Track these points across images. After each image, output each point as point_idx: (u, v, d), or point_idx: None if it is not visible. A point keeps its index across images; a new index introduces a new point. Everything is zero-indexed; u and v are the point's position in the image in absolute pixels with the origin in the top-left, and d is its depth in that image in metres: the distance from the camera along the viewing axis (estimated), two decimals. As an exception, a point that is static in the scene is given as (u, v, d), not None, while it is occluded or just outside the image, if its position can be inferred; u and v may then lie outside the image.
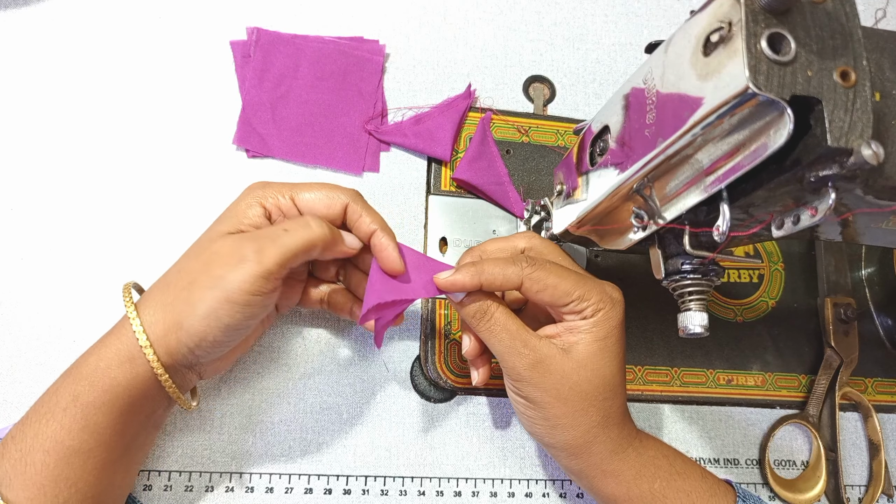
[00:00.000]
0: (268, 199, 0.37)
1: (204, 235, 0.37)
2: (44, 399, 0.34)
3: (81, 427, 0.32)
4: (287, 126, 0.47)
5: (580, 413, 0.36)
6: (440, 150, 0.48)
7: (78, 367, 0.34)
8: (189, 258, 0.36)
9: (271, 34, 0.49)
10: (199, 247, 0.36)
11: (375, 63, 0.50)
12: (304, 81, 0.48)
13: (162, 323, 0.34)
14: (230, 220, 0.36)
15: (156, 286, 0.36)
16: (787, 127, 0.23)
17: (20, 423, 0.33)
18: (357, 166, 0.48)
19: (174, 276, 0.35)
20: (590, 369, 0.36)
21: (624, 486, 0.37)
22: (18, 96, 0.45)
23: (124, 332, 0.34)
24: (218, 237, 0.36)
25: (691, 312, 0.33)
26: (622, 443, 0.37)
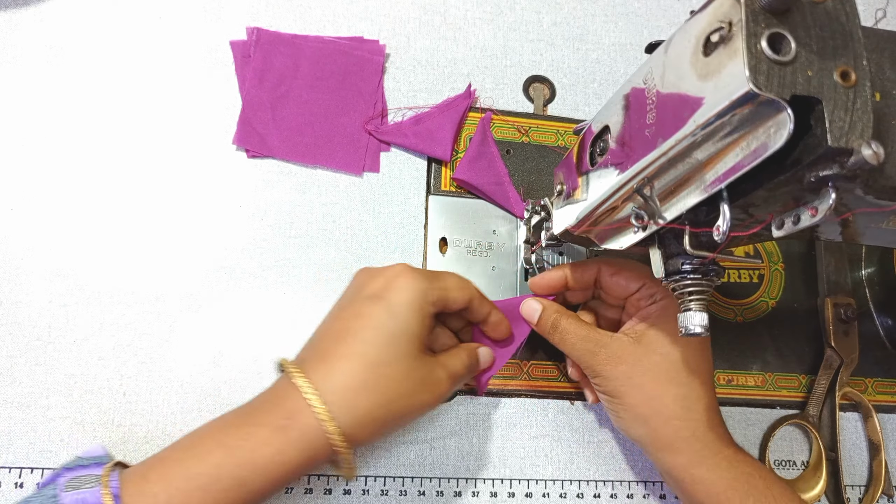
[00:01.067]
0: (429, 308, 0.37)
1: (394, 346, 0.34)
2: (193, 466, 0.31)
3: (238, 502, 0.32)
4: (287, 126, 0.47)
5: (656, 399, 0.38)
6: (440, 151, 0.48)
7: (242, 448, 0.32)
8: (388, 367, 0.34)
9: (271, 34, 0.49)
10: (400, 363, 0.35)
11: (375, 63, 0.50)
12: (304, 81, 0.48)
13: (349, 418, 0.33)
14: (417, 340, 0.35)
15: (338, 370, 0.33)
16: (788, 127, 0.23)
17: (159, 477, 0.31)
18: (357, 166, 0.48)
19: (368, 374, 0.33)
20: (659, 353, 0.38)
21: (714, 496, 0.37)
22: (19, 96, 0.45)
23: (303, 420, 0.32)
24: (415, 358, 0.35)
25: (691, 312, 0.33)
26: (711, 446, 0.37)
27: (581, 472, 0.45)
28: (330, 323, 0.37)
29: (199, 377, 0.42)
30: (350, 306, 0.36)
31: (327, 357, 0.34)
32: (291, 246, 0.46)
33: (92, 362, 0.41)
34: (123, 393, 0.41)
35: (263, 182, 0.47)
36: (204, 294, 0.44)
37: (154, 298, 0.43)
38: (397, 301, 0.35)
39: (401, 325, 0.35)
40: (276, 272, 0.45)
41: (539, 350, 0.46)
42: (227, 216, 0.46)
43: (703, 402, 0.38)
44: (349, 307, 0.36)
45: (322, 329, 0.37)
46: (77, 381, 0.41)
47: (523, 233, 0.47)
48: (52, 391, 0.41)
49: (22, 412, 0.40)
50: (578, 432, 0.46)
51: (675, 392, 0.38)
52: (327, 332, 0.36)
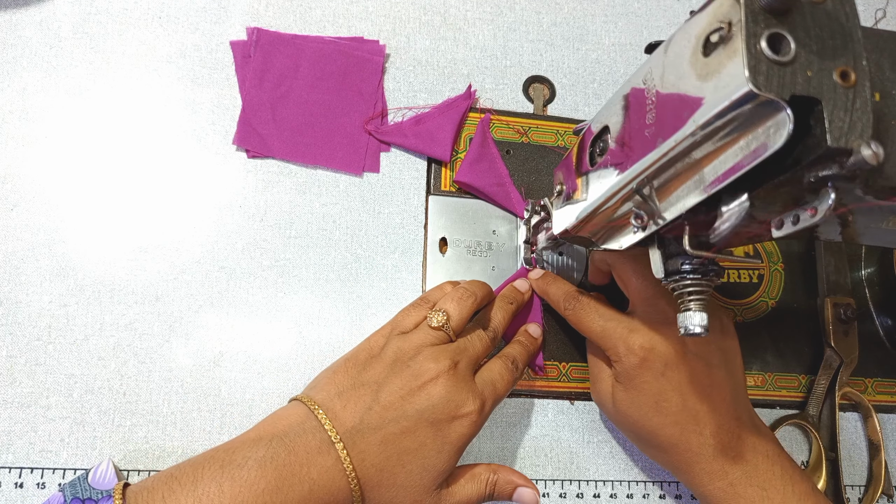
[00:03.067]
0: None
1: (427, 476, 0.36)
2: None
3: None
4: (287, 126, 0.47)
5: (645, 451, 0.43)
6: (440, 151, 0.48)
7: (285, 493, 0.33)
8: (409, 491, 0.36)
9: (271, 34, 0.49)
10: (422, 490, 0.36)
11: (375, 63, 0.50)
12: (304, 82, 0.48)
13: (373, 473, 0.35)
14: (447, 473, 0.37)
15: (382, 489, 0.35)
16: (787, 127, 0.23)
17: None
18: (357, 166, 0.48)
19: (396, 491, 0.36)
20: (623, 415, 0.40)
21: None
22: (18, 97, 0.45)
23: (328, 473, 0.34)
24: (431, 493, 0.36)
25: (691, 312, 0.33)
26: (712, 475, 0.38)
27: (581, 472, 0.45)
28: (392, 413, 0.36)
29: (199, 377, 0.42)
30: (411, 420, 0.36)
31: (375, 467, 0.35)
32: (291, 246, 0.46)
33: (92, 362, 0.41)
34: (123, 393, 0.41)
35: (263, 182, 0.47)
36: (204, 294, 0.44)
37: (154, 298, 0.43)
38: (453, 439, 0.36)
39: (443, 463, 0.36)
40: (276, 272, 0.45)
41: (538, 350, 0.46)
42: (227, 216, 0.46)
43: (672, 447, 0.39)
44: (409, 420, 0.35)
45: (384, 409, 0.36)
46: (77, 381, 0.41)
47: (523, 233, 0.47)
48: (52, 391, 0.41)
49: (22, 412, 0.40)
50: (578, 432, 0.46)
51: (644, 444, 0.41)
52: (388, 424, 0.35)
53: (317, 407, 0.36)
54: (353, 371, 0.38)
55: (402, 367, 0.37)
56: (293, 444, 0.34)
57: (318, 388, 0.38)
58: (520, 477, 0.40)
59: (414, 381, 0.36)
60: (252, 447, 0.34)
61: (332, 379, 0.38)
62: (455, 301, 0.40)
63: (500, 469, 0.40)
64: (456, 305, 0.40)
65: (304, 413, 0.36)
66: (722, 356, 0.40)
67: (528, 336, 0.45)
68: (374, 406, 0.36)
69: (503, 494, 0.39)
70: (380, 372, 0.37)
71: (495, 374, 0.40)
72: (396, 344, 0.38)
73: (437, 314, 0.39)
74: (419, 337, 0.38)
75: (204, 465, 0.33)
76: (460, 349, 0.38)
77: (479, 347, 0.40)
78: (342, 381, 0.37)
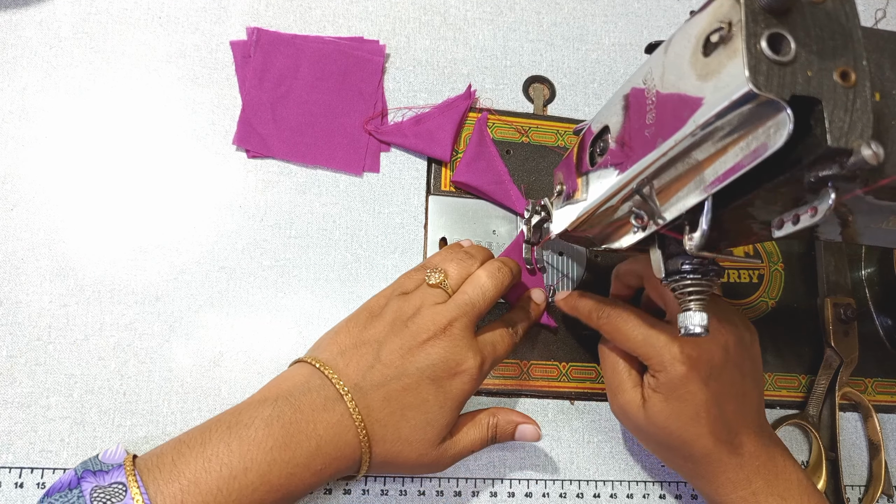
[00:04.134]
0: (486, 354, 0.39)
1: (429, 431, 0.37)
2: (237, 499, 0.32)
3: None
4: (287, 126, 0.47)
5: (665, 459, 0.42)
6: (440, 151, 0.48)
7: (284, 487, 0.33)
8: (411, 446, 0.37)
9: (271, 34, 0.49)
10: (424, 445, 0.37)
11: (375, 63, 0.50)
12: (304, 82, 0.48)
13: (378, 428, 0.36)
14: (449, 427, 0.38)
15: (383, 442, 0.36)
16: (787, 127, 0.23)
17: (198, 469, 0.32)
18: (357, 167, 0.48)
19: (400, 447, 0.37)
20: (657, 426, 0.39)
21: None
22: (18, 97, 0.45)
23: (343, 465, 0.35)
24: (435, 446, 0.38)
25: (691, 312, 0.33)
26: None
27: (581, 472, 0.45)
28: (393, 370, 0.36)
29: (199, 377, 0.42)
30: (412, 377, 0.36)
31: (380, 422, 0.36)
32: (291, 246, 0.46)
33: (92, 362, 0.41)
34: (123, 393, 0.41)
35: (263, 182, 0.47)
36: (204, 294, 0.44)
37: (154, 298, 0.43)
38: (454, 395, 0.37)
39: (445, 417, 0.37)
40: (276, 272, 0.45)
41: (539, 349, 0.46)
42: (227, 216, 0.46)
43: (707, 456, 0.38)
44: (411, 377, 0.36)
45: (385, 367, 0.36)
46: (77, 381, 0.41)
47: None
48: (52, 391, 0.41)
49: (22, 412, 0.40)
50: (578, 432, 0.46)
51: (675, 456, 0.40)
52: (390, 381, 0.36)
53: (322, 365, 0.36)
54: (355, 331, 0.39)
55: (402, 326, 0.38)
56: (298, 402, 0.35)
57: (320, 348, 0.39)
58: (519, 415, 0.41)
59: (413, 340, 0.37)
60: (258, 407, 0.34)
61: (335, 339, 0.38)
62: (454, 261, 0.41)
63: (499, 411, 0.41)
64: (455, 265, 0.41)
65: (308, 372, 0.37)
66: (752, 365, 0.40)
67: (532, 304, 0.45)
68: (377, 364, 0.36)
69: (505, 435, 0.40)
70: (380, 331, 0.38)
71: (496, 335, 0.41)
72: (396, 304, 0.39)
73: (434, 273, 0.40)
74: (418, 296, 0.39)
75: (211, 429, 0.34)
76: (459, 308, 0.39)
77: (478, 307, 0.40)
78: (344, 341, 0.38)
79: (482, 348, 0.39)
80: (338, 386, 0.35)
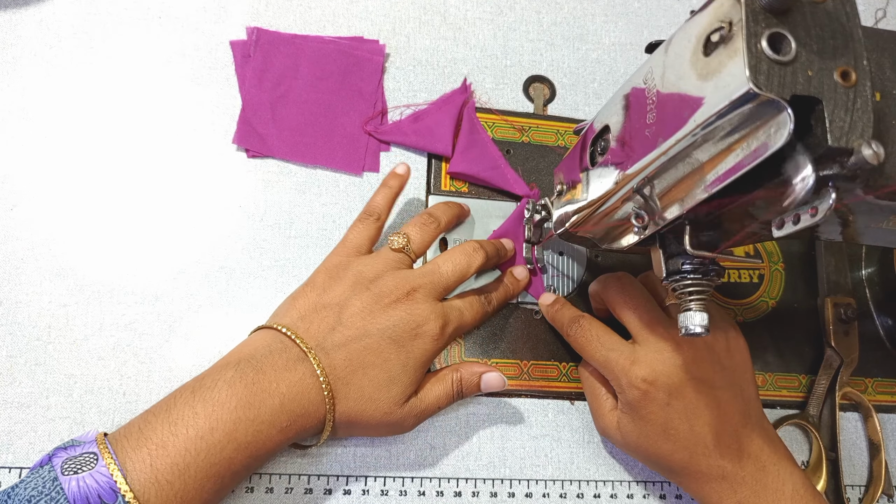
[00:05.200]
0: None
1: (390, 391, 0.38)
2: (205, 458, 0.32)
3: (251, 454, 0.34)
4: (287, 126, 0.47)
5: (656, 471, 0.43)
6: (441, 146, 0.48)
7: (252, 444, 0.34)
8: (374, 405, 0.37)
9: (271, 34, 0.49)
10: (388, 404, 0.38)
11: (375, 63, 0.50)
12: (303, 81, 0.48)
13: (341, 386, 0.36)
14: (411, 389, 0.39)
15: (347, 399, 0.36)
16: (788, 127, 0.23)
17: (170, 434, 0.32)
18: (357, 166, 0.48)
19: (364, 406, 0.37)
20: (632, 445, 0.40)
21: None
22: (19, 96, 0.45)
23: (308, 423, 0.36)
24: (400, 405, 0.38)
25: (691, 312, 0.33)
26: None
27: (581, 472, 0.45)
28: (354, 331, 0.37)
29: (199, 377, 0.42)
30: (374, 338, 0.37)
31: (342, 380, 0.36)
32: (291, 246, 0.46)
33: (92, 362, 0.41)
34: (123, 393, 0.41)
35: (263, 182, 0.47)
36: (204, 294, 0.44)
37: (154, 298, 0.43)
38: (416, 355, 0.38)
39: (408, 377, 0.38)
40: (276, 272, 0.45)
41: (539, 349, 0.46)
42: (227, 216, 0.46)
43: (679, 465, 0.39)
44: (372, 337, 0.37)
45: (346, 328, 0.37)
46: (77, 381, 0.41)
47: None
48: (52, 391, 0.41)
49: (22, 412, 0.40)
50: (578, 432, 0.46)
51: (652, 464, 0.41)
52: (351, 342, 0.37)
53: (283, 328, 0.37)
54: (313, 295, 0.39)
55: (363, 288, 0.38)
56: (260, 363, 0.35)
57: (279, 315, 0.39)
58: (481, 366, 0.42)
59: (376, 303, 0.38)
60: (220, 371, 0.35)
61: (293, 304, 0.39)
62: (417, 226, 0.42)
63: (462, 365, 0.41)
64: (418, 230, 0.41)
65: (270, 336, 0.37)
66: (727, 376, 0.39)
67: (511, 277, 0.45)
68: (338, 326, 0.37)
69: (471, 387, 0.41)
70: (341, 293, 0.38)
71: (465, 302, 0.41)
72: (357, 266, 0.39)
73: (398, 237, 0.41)
74: (381, 260, 0.40)
75: (175, 396, 0.34)
76: (424, 276, 0.39)
77: (444, 274, 0.40)
78: (303, 306, 0.38)
79: (447, 312, 0.39)
80: (301, 345, 0.36)
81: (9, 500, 0.29)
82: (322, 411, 0.36)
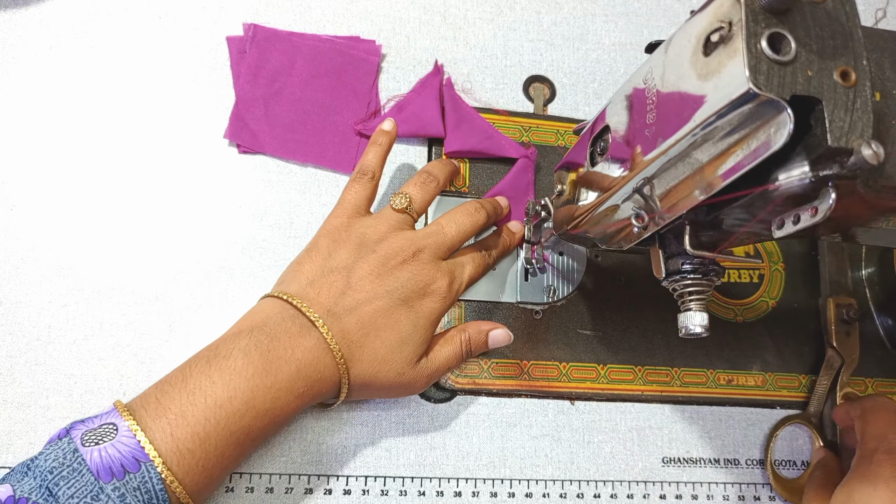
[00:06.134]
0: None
1: (403, 351, 0.38)
2: (225, 426, 0.32)
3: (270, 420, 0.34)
4: (279, 123, 0.47)
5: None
6: (433, 129, 0.48)
7: (270, 411, 0.34)
8: (389, 366, 0.38)
9: (268, 31, 0.49)
10: (401, 365, 0.38)
11: (371, 63, 0.50)
12: (298, 79, 0.48)
13: (354, 349, 0.37)
14: (423, 347, 0.39)
15: (361, 362, 0.37)
16: (788, 127, 0.23)
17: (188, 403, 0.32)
18: (348, 165, 0.48)
19: (379, 367, 0.38)
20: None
21: None
22: (19, 96, 0.45)
23: (324, 388, 0.36)
24: (413, 365, 0.39)
25: (691, 312, 0.33)
26: None
27: (581, 472, 0.45)
28: (363, 294, 0.37)
29: (199, 377, 0.42)
30: (383, 300, 0.37)
31: (356, 343, 0.37)
32: (291, 246, 0.46)
33: (92, 362, 0.41)
34: (123, 393, 0.41)
35: (263, 182, 0.47)
36: (204, 294, 0.44)
37: (154, 298, 0.43)
38: (426, 314, 0.39)
39: (419, 336, 0.38)
40: (276, 272, 0.45)
41: (539, 349, 0.46)
42: (227, 216, 0.46)
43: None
44: (381, 300, 0.37)
45: (356, 291, 0.37)
46: (77, 381, 0.41)
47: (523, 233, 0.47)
48: (52, 391, 0.41)
49: (22, 412, 0.40)
50: (578, 432, 0.46)
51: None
52: (362, 305, 0.37)
53: (291, 297, 0.37)
54: (319, 259, 0.39)
55: (369, 251, 0.38)
56: (274, 331, 0.35)
57: (286, 282, 0.39)
58: (486, 323, 0.43)
59: (383, 265, 0.38)
60: (234, 340, 0.35)
61: (299, 270, 0.39)
62: (418, 185, 0.42)
63: (469, 325, 0.42)
64: (419, 189, 0.42)
65: (279, 305, 0.37)
66: None
67: (507, 231, 0.46)
68: (347, 290, 0.37)
69: (479, 345, 0.42)
70: (347, 256, 0.38)
71: (467, 258, 0.42)
72: (360, 229, 0.39)
73: (399, 197, 0.41)
74: (384, 221, 0.40)
75: (190, 364, 0.34)
76: (429, 237, 0.40)
77: (449, 234, 0.41)
78: (310, 271, 0.38)
79: (453, 269, 0.40)
80: (309, 315, 0.36)
81: (28, 471, 0.29)
82: (337, 376, 0.36)
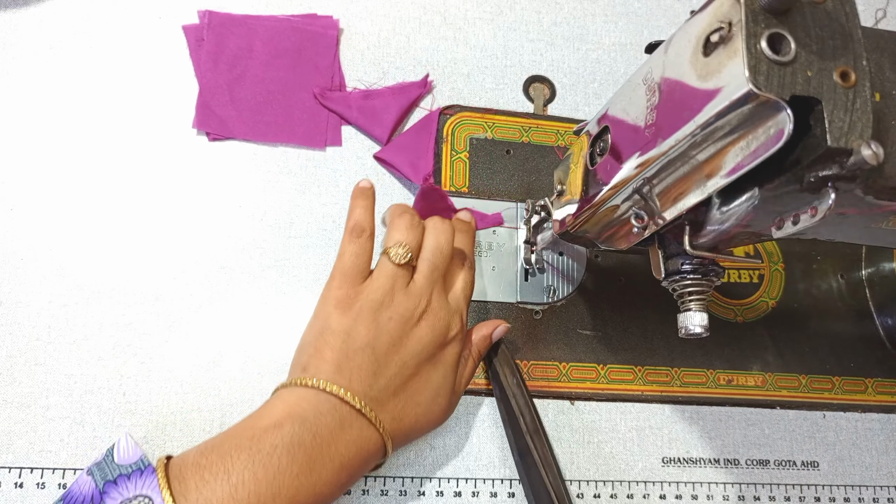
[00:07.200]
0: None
1: (440, 398, 0.40)
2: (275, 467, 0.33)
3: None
4: (246, 106, 0.47)
5: None
6: (378, 132, 0.48)
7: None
8: (426, 415, 0.39)
9: (223, 16, 0.49)
10: (437, 407, 0.40)
11: (329, 37, 0.49)
12: (259, 61, 0.48)
13: (396, 425, 0.37)
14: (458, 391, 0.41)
15: (396, 419, 0.37)
16: (787, 127, 0.23)
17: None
18: (319, 141, 0.48)
19: (419, 420, 0.39)
20: None
21: None
22: (18, 96, 0.45)
23: (355, 444, 0.36)
24: (450, 405, 0.41)
25: (691, 312, 0.33)
26: None
27: (581, 472, 0.45)
28: (394, 368, 0.37)
29: (199, 377, 0.42)
30: (412, 367, 0.38)
31: (397, 419, 0.37)
32: (291, 246, 0.46)
33: (92, 362, 0.41)
34: (123, 393, 0.41)
35: (263, 182, 0.47)
36: (204, 294, 0.44)
37: (154, 298, 0.43)
38: (450, 361, 0.40)
39: (448, 382, 0.40)
40: (276, 272, 0.45)
41: (539, 349, 0.46)
42: (226, 216, 0.46)
43: None
44: (410, 367, 0.38)
45: (386, 368, 0.37)
46: (77, 381, 0.41)
47: (523, 233, 0.47)
48: (52, 391, 0.41)
49: (22, 412, 0.40)
50: (578, 432, 0.46)
51: None
52: (394, 379, 0.37)
53: (327, 385, 0.35)
54: (338, 341, 0.37)
55: (386, 320, 0.38)
56: (315, 426, 0.34)
57: (311, 369, 0.37)
58: (487, 326, 0.43)
59: (401, 331, 0.38)
60: (275, 433, 0.34)
61: (320, 356, 0.37)
62: (408, 230, 0.40)
63: (472, 337, 0.43)
64: (411, 233, 0.40)
65: (312, 395, 0.35)
66: None
67: (465, 224, 0.46)
68: (378, 370, 0.37)
69: (486, 349, 0.43)
70: (367, 333, 0.37)
71: (459, 283, 0.42)
72: (370, 296, 0.38)
73: (397, 248, 0.39)
74: (388, 280, 0.39)
75: (231, 454, 0.33)
76: (428, 280, 0.40)
77: (440, 267, 0.41)
78: (332, 357, 0.36)
79: (457, 305, 0.41)
80: (354, 403, 0.35)
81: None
82: (381, 451, 0.37)
